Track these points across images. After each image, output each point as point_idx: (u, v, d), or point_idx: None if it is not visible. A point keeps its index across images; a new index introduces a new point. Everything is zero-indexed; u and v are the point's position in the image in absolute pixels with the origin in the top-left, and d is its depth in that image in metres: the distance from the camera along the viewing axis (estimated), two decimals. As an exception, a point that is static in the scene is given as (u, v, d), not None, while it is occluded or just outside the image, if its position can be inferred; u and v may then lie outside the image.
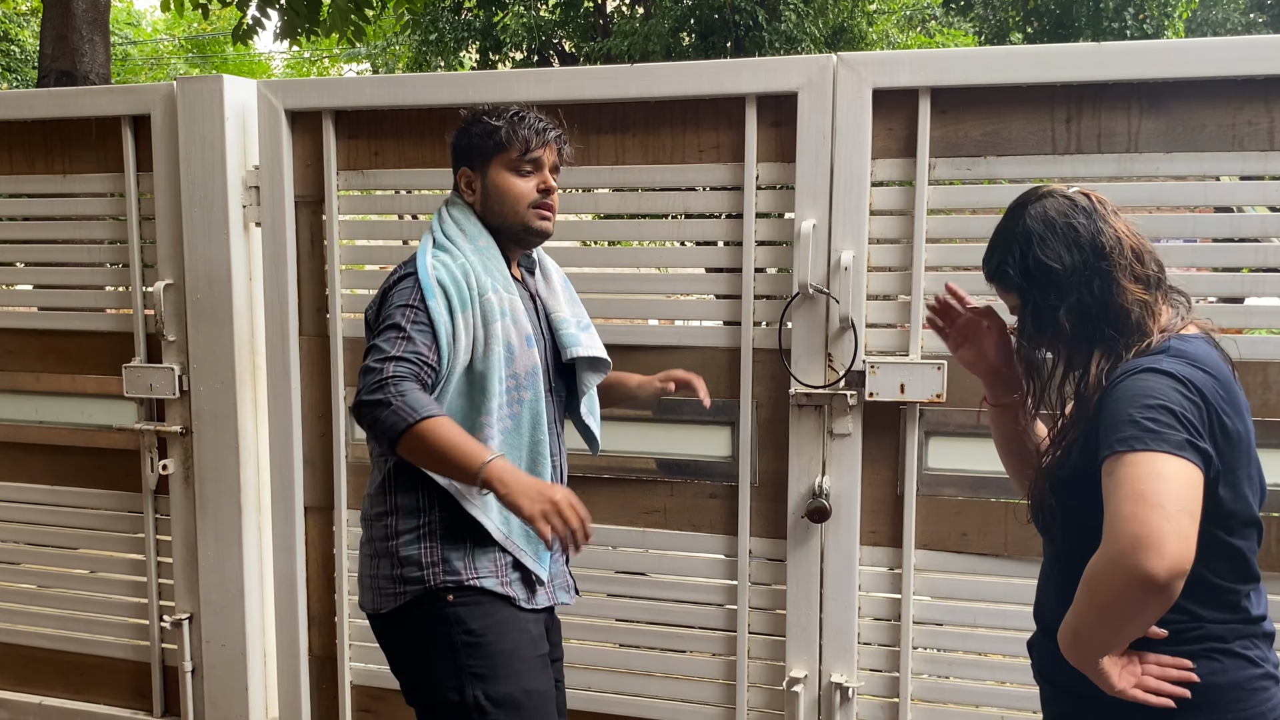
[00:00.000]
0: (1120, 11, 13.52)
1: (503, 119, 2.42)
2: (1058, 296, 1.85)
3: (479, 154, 2.44)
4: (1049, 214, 1.88)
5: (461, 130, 2.49)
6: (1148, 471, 1.62)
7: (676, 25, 13.52)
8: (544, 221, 2.45)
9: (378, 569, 2.44)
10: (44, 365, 3.78)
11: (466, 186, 2.47)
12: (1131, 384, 1.74)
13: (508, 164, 2.42)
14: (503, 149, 2.41)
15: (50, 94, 3.74)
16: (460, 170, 2.48)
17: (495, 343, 2.33)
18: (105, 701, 3.87)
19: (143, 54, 28.00)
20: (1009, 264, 1.90)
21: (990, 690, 3.10)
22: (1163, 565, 1.55)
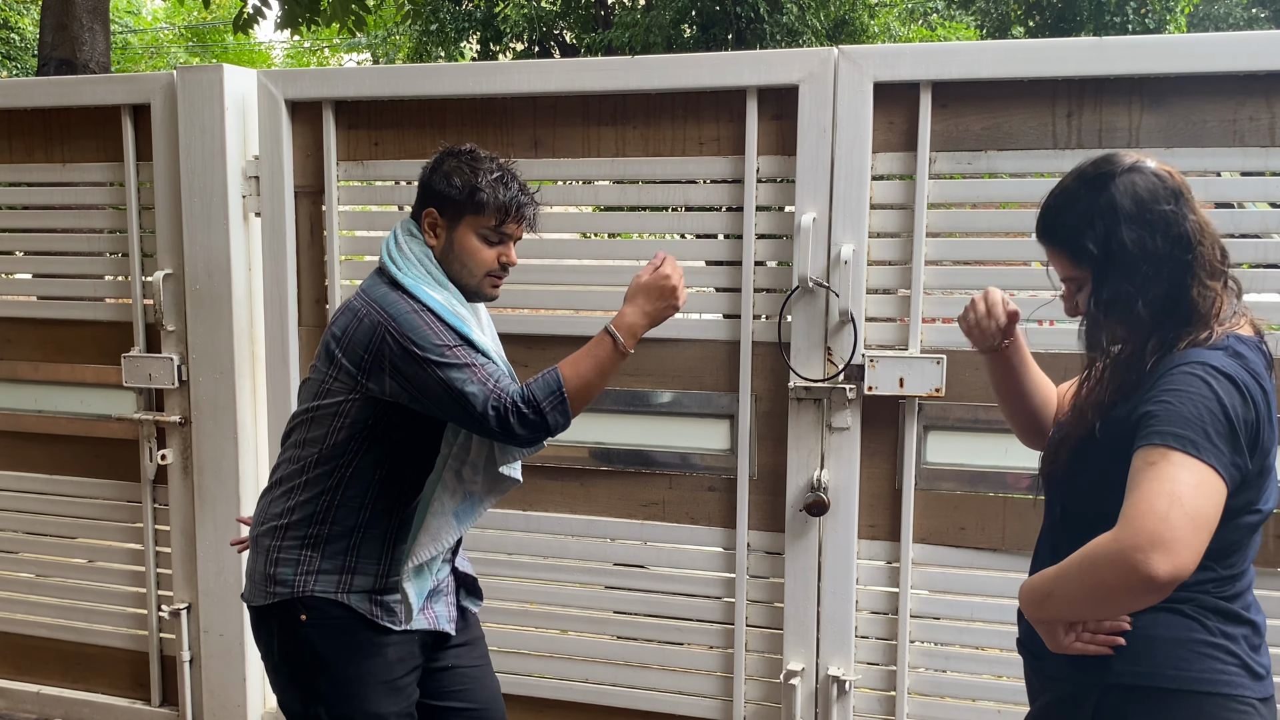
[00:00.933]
0: (1122, 6, 13.49)
1: (485, 179, 2.33)
2: (1137, 284, 1.79)
3: (453, 206, 2.34)
4: (1139, 192, 1.79)
5: (438, 169, 2.37)
6: (1194, 479, 1.61)
7: (678, 17, 13.48)
8: (493, 290, 2.42)
9: (255, 564, 2.40)
10: (43, 354, 3.78)
11: (429, 228, 2.37)
12: (1188, 377, 1.71)
13: (478, 228, 2.34)
14: (479, 212, 2.33)
15: (50, 83, 3.74)
16: (427, 210, 2.37)
17: None
18: (103, 691, 3.88)
19: (142, 42, 27.94)
20: (1088, 238, 1.81)
21: (987, 684, 3.11)
22: (1169, 570, 1.55)
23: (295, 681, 2.39)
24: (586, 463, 3.31)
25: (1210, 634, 1.79)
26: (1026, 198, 3.00)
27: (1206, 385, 1.70)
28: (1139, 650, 1.78)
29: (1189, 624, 1.78)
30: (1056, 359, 2.94)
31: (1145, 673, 1.77)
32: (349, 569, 2.33)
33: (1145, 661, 1.77)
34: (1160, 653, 1.77)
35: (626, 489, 3.32)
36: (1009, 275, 3.05)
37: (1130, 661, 1.78)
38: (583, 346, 2.27)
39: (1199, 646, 1.78)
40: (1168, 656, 1.77)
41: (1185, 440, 1.64)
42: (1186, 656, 1.77)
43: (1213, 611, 1.80)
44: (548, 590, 3.43)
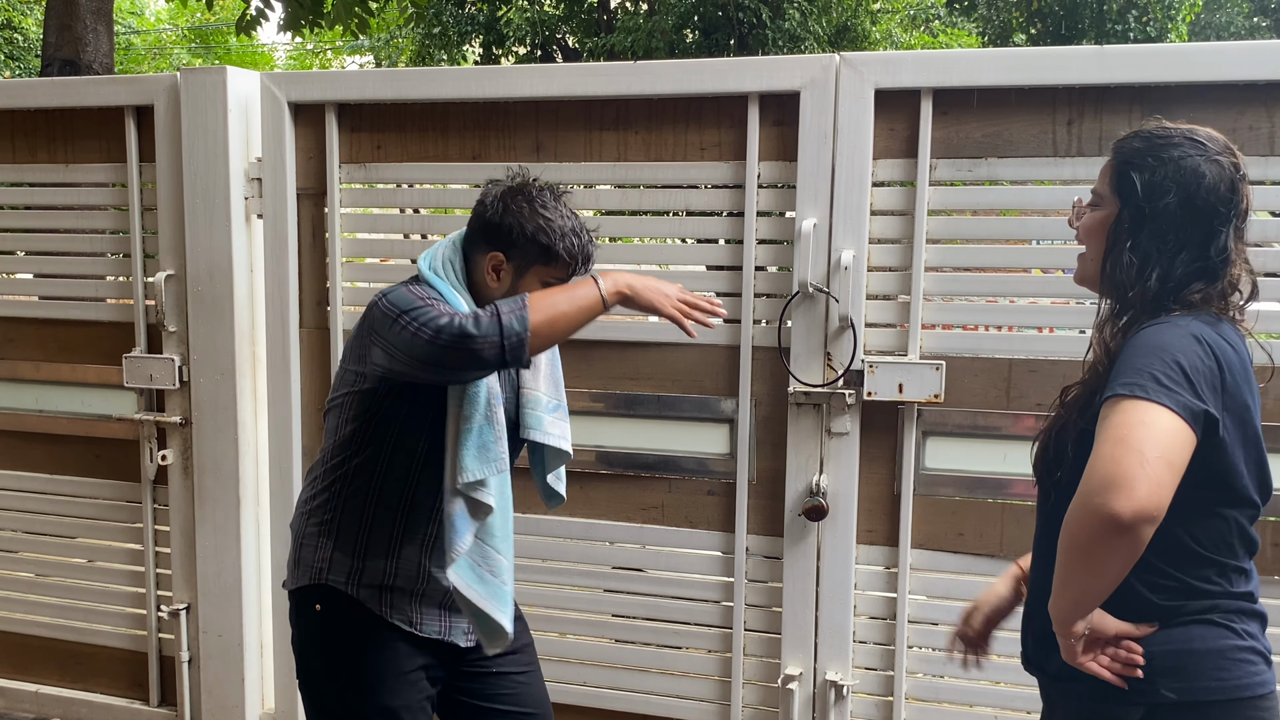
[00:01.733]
0: (1124, 14, 13.52)
1: (558, 230, 2.27)
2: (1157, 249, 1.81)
3: (522, 254, 2.29)
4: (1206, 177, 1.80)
5: (506, 210, 2.30)
6: (1137, 419, 1.62)
7: (680, 22, 13.51)
8: None
9: (290, 550, 2.46)
10: (44, 354, 3.79)
11: (492, 270, 2.32)
12: (1151, 333, 1.74)
13: (544, 277, 2.30)
14: (550, 263, 2.29)
15: (54, 83, 3.75)
16: (492, 254, 2.30)
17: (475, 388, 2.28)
18: (102, 691, 3.88)
19: (145, 44, 27.98)
20: (1139, 174, 1.82)
21: (984, 690, 3.11)
22: (1129, 506, 1.56)
23: (309, 668, 2.42)
24: (586, 466, 3.32)
25: (1240, 638, 1.80)
26: (1026, 205, 3.02)
27: (1157, 337, 1.72)
28: (1180, 665, 1.77)
29: (1222, 632, 1.79)
30: (1055, 365, 2.95)
31: (1189, 688, 1.77)
32: (359, 560, 2.34)
33: (1189, 676, 1.77)
34: (1202, 666, 1.77)
35: (626, 492, 3.32)
36: (1008, 282, 3.06)
37: (1174, 677, 1.77)
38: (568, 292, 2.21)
39: (1234, 653, 1.79)
40: (1210, 668, 1.77)
41: (1131, 385, 1.65)
42: (1225, 665, 1.78)
43: (1237, 614, 1.81)
44: (546, 593, 3.44)
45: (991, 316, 3.16)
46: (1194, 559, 1.79)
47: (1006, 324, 3.18)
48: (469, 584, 2.32)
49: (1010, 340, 3.06)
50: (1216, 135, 1.86)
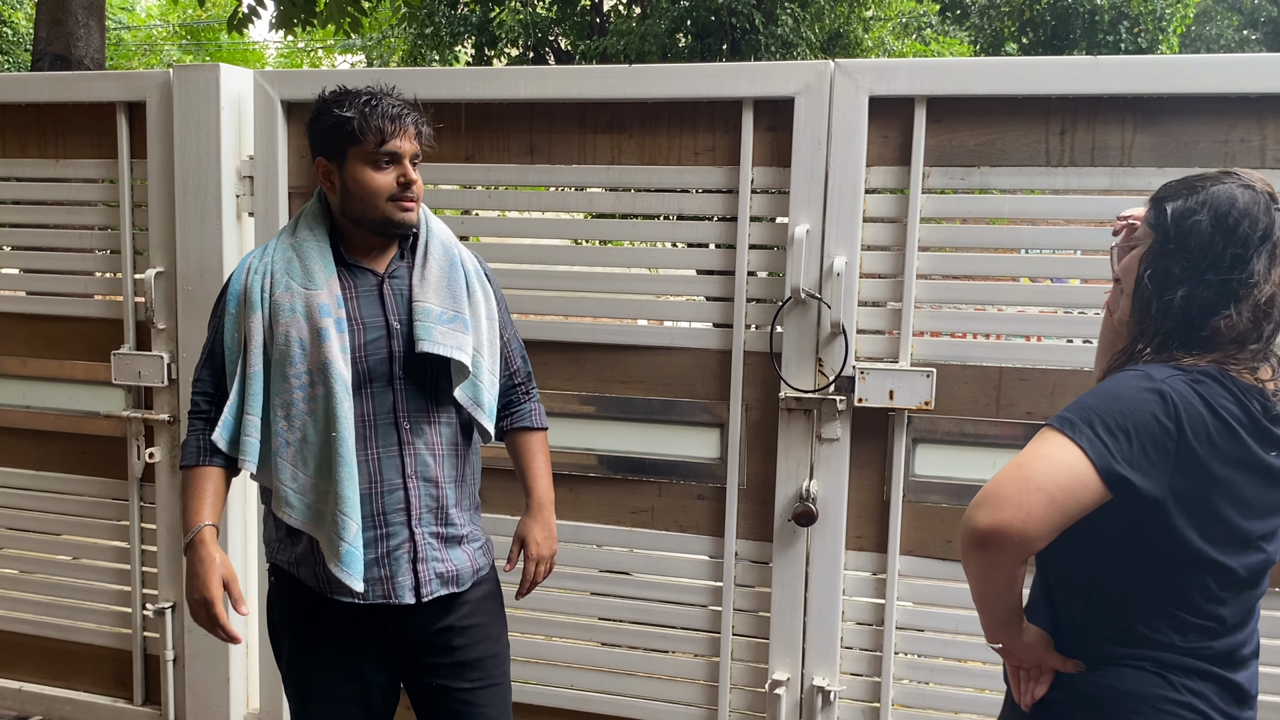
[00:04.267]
0: (1115, 25, 13.58)
1: (354, 108, 2.29)
2: (1184, 270, 1.76)
3: (333, 146, 2.32)
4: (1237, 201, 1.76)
5: (313, 119, 2.37)
6: (1044, 450, 1.66)
7: (673, 26, 13.51)
8: (406, 214, 2.34)
9: None
10: (32, 350, 3.77)
11: (325, 178, 2.36)
12: (1121, 379, 1.73)
13: (364, 157, 2.30)
14: (357, 141, 2.29)
15: (45, 78, 3.73)
16: (317, 161, 2.36)
17: (276, 342, 2.30)
18: (86, 689, 3.86)
19: (136, 39, 27.88)
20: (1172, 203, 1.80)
21: (970, 697, 3.12)
22: (987, 521, 1.62)
23: (271, 645, 2.55)
24: (576, 469, 3.31)
25: (1176, 690, 1.75)
26: (1018, 213, 3.02)
27: (1122, 385, 1.71)
28: (1099, 698, 1.79)
29: (1153, 679, 1.76)
30: (1045, 374, 2.96)
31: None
32: (280, 535, 2.43)
33: (1101, 712, 1.79)
34: (1119, 705, 1.77)
35: (615, 496, 3.32)
36: (1000, 290, 3.06)
37: (1089, 710, 1.80)
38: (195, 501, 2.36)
39: (1160, 703, 1.75)
40: (1126, 711, 1.77)
41: (1064, 420, 1.68)
42: (1144, 712, 1.75)
43: (1181, 670, 1.76)
44: (534, 595, 3.41)
45: (982, 324, 3.17)
46: (1144, 608, 1.77)
47: (996, 332, 3.19)
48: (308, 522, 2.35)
49: (1000, 348, 3.07)
50: (1254, 173, 1.83)
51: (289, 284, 2.31)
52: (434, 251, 2.44)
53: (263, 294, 2.32)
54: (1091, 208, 2.90)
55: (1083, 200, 2.92)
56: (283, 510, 2.32)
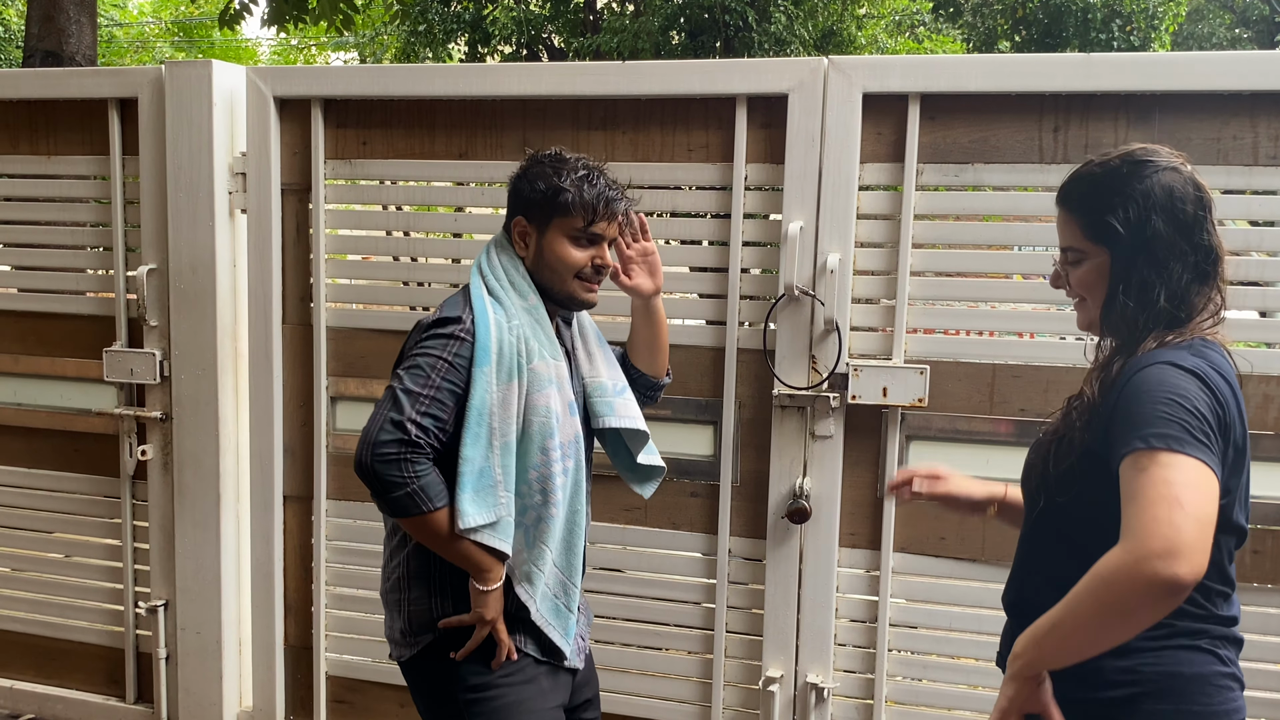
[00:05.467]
0: (1108, 23, 13.61)
1: (570, 179, 2.27)
2: (1161, 275, 1.81)
3: (539, 211, 2.29)
4: (1176, 190, 1.81)
5: (525, 177, 2.33)
6: (1184, 478, 1.60)
7: (666, 23, 13.52)
8: (588, 294, 2.34)
9: (393, 620, 2.40)
10: (23, 347, 3.76)
11: (519, 238, 2.33)
12: (1156, 375, 1.72)
13: (567, 231, 2.28)
14: (566, 214, 2.27)
15: (36, 74, 3.72)
16: (515, 219, 2.33)
17: (536, 413, 2.24)
18: (78, 687, 3.85)
19: (128, 36, 27.80)
20: (1116, 217, 1.81)
21: (963, 694, 3.12)
22: (1189, 572, 1.54)
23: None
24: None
25: (1224, 664, 1.81)
26: (1011, 211, 3.03)
27: (1171, 381, 1.71)
28: (1167, 688, 1.78)
29: (1208, 658, 1.80)
30: (1039, 370, 2.96)
31: (1173, 711, 1.77)
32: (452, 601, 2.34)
33: (1175, 699, 1.78)
34: (1189, 689, 1.78)
35: (609, 493, 3.32)
36: (992, 287, 3.07)
37: (1159, 700, 1.78)
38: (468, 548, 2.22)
39: (1218, 679, 1.80)
40: (1196, 693, 1.78)
41: (1167, 438, 1.63)
42: (1209, 691, 1.79)
43: (1223, 640, 1.82)
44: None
45: (975, 322, 3.17)
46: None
47: (990, 329, 3.20)
48: (546, 618, 2.34)
49: (993, 345, 3.08)
50: (1153, 146, 1.87)
51: (542, 354, 2.27)
52: (584, 320, 2.52)
53: (518, 360, 2.23)
54: (1084, 205, 2.90)
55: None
56: (521, 588, 2.30)
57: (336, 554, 3.55)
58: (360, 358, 3.45)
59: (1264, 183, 2.82)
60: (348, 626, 3.57)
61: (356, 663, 3.57)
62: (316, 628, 3.56)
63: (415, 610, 2.33)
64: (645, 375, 2.61)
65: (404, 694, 3.49)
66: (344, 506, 3.52)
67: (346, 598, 3.56)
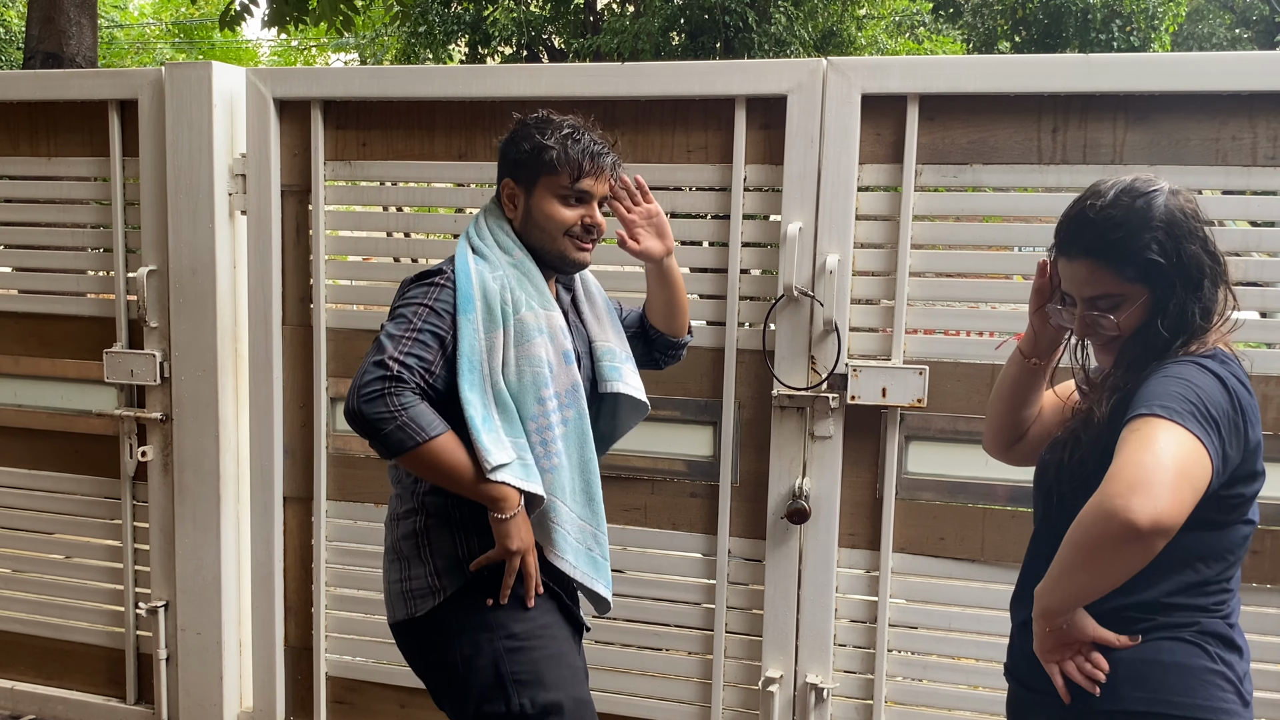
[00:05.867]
0: (1108, 23, 13.61)
1: (555, 136, 2.28)
2: (1196, 294, 1.83)
3: (526, 170, 2.30)
4: (1186, 209, 1.84)
5: (511, 139, 2.35)
6: (1170, 438, 1.62)
7: (666, 24, 13.52)
8: (581, 253, 2.35)
9: (408, 571, 2.31)
10: (24, 348, 3.76)
11: (508, 200, 2.34)
12: (1184, 370, 1.76)
13: (554, 190, 2.29)
14: (552, 171, 2.28)
15: (37, 76, 3.72)
16: (504, 180, 2.35)
17: (528, 363, 2.24)
18: (78, 688, 3.85)
19: (129, 37, 27.81)
20: (1153, 252, 1.81)
21: (964, 694, 3.12)
22: (1148, 512, 1.55)
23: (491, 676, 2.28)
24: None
25: (1212, 660, 1.81)
26: (1010, 211, 3.03)
27: (1191, 374, 1.74)
28: (1147, 675, 1.79)
29: (1193, 650, 1.80)
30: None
31: (1153, 699, 1.78)
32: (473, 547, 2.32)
33: (1153, 688, 1.78)
34: (1169, 679, 1.78)
35: (608, 494, 3.29)
36: (992, 288, 3.07)
37: (1138, 687, 1.78)
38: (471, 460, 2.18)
39: (1203, 674, 1.79)
40: (1176, 684, 1.78)
41: (1169, 409, 1.66)
42: (1192, 684, 1.78)
43: (1213, 636, 1.82)
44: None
45: (974, 322, 3.17)
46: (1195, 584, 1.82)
47: (989, 330, 3.20)
48: (583, 569, 2.35)
49: (992, 346, 3.08)
50: (1141, 176, 1.88)
51: (530, 304, 2.27)
52: (591, 285, 2.53)
53: (503, 309, 2.23)
54: (1083, 205, 2.91)
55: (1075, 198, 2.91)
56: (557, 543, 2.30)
57: (336, 555, 3.55)
58: (360, 358, 3.45)
59: (1263, 183, 2.82)
60: (348, 627, 3.57)
61: (356, 663, 3.57)
62: (316, 628, 3.57)
63: (440, 553, 2.28)
64: (665, 335, 2.62)
65: (404, 694, 3.49)
66: (344, 507, 3.52)
67: (346, 598, 3.56)
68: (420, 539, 2.31)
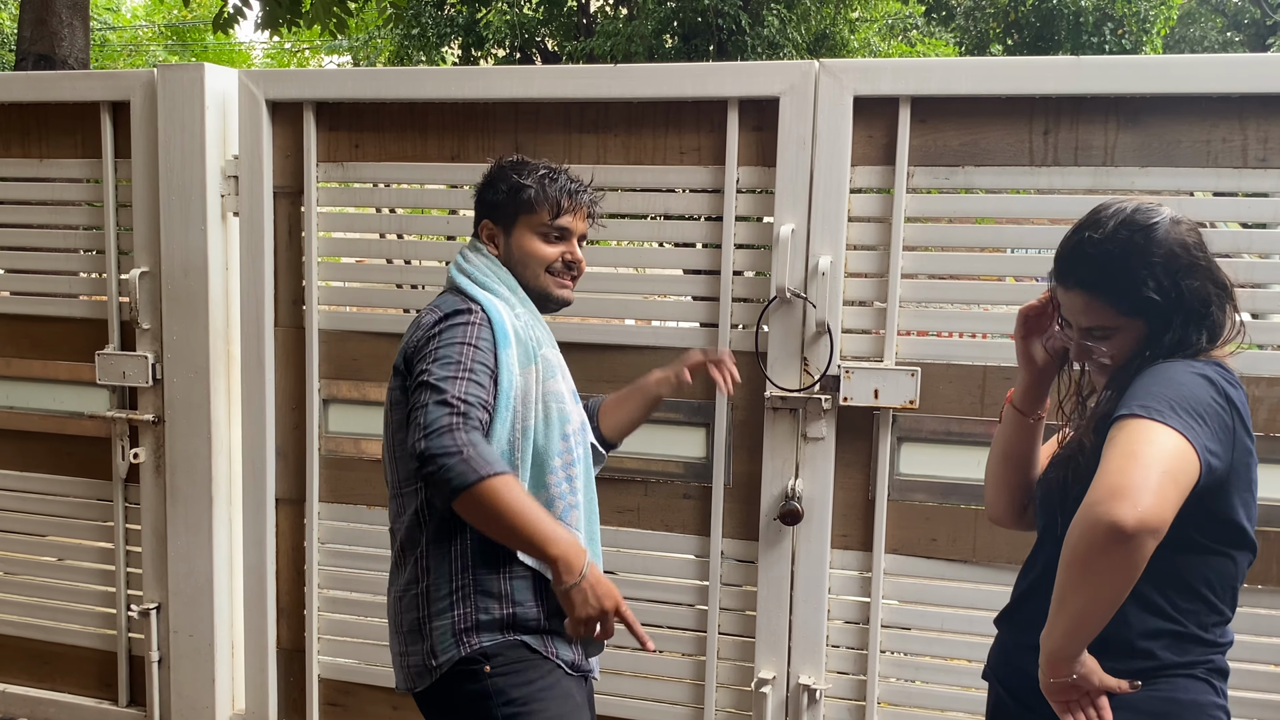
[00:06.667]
0: (1100, 26, 13.63)
1: (532, 177, 2.30)
2: (1200, 324, 1.81)
3: (504, 211, 2.32)
4: (1188, 241, 1.81)
5: (488, 183, 2.37)
6: (1146, 437, 1.61)
7: (659, 27, 13.51)
8: (562, 290, 2.35)
9: (408, 646, 2.25)
10: (15, 350, 3.75)
11: (488, 240, 2.34)
12: (1168, 370, 1.75)
13: (534, 227, 2.30)
14: (530, 210, 2.29)
15: (29, 78, 3.71)
16: (482, 223, 2.35)
17: (554, 399, 2.24)
18: (70, 690, 3.84)
19: (121, 40, 27.76)
20: (1150, 288, 1.79)
21: (955, 695, 3.13)
22: (1133, 515, 1.54)
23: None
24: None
25: (1218, 695, 1.83)
26: (1002, 213, 3.04)
27: (1174, 373, 1.74)
28: (1165, 713, 1.79)
29: (1205, 688, 1.82)
30: (1029, 373, 2.96)
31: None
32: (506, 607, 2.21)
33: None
34: (1184, 717, 1.79)
35: (601, 495, 3.28)
36: (984, 290, 3.08)
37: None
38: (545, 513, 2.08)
39: (1212, 710, 1.82)
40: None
41: (1148, 408, 1.65)
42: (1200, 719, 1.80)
43: (1219, 673, 1.84)
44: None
45: (966, 324, 3.18)
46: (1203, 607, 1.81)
47: (981, 331, 3.21)
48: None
49: (985, 347, 3.08)
50: (1140, 203, 1.85)
51: (546, 342, 2.28)
52: None
53: (532, 345, 2.23)
54: (1075, 207, 2.91)
55: (1066, 200, 2.93)
56: None
57: (328, 557, 3.54)
58: (352, 360, 3.45)
59: (1253, 185, 2.83)
60: (340, 629, 3.57)
61: (349, 665, 3.57)
62: (309, 630, 3.56)
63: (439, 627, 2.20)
64: (603, 439, 2.59)
65: (396, 696, 3.49)
66: (336, 509, 3.52)
67: (339, 600, 3.56)
68: (422, 612, 2.22)
